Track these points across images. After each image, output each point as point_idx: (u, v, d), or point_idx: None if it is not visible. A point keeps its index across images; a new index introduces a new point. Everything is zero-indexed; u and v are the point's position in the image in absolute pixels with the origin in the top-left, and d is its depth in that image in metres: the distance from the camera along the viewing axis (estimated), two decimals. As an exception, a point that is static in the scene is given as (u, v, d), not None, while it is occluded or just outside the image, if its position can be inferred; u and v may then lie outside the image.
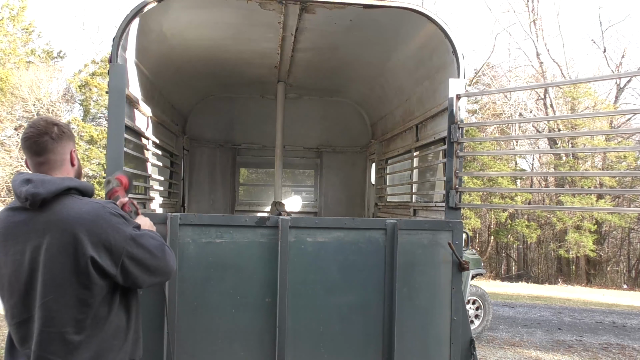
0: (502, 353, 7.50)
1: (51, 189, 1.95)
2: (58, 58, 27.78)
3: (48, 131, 2.04)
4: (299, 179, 8.03)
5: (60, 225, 1.93)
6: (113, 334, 2.05)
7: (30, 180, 1.96)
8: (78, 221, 1.95)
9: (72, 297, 1.93)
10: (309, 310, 3.33)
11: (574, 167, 21.42)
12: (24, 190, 1.93)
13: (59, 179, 2.01)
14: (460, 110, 3.76)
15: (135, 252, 2.04)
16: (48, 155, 2.05)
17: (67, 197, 2.01)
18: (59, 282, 1.92)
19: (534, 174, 25.56)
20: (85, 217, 1.96)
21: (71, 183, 2.03)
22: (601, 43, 25.78)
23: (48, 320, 1.92)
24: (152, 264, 2.09)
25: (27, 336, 1.96)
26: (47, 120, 2.09)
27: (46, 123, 2.07)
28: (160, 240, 2.19)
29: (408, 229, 3.44)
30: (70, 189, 2.02)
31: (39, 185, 1.94)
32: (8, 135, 24.05)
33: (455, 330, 3.48)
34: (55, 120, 2.11)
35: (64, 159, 2.11)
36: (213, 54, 5.34)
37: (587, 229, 20.69)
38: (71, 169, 2.16)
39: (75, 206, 1.98)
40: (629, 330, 9.75)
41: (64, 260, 1.92)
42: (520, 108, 23.32)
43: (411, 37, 4.43)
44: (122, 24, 3.48)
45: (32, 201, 1.93)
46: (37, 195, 1.92)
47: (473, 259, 7.67)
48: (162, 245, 2.16)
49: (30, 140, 2.04)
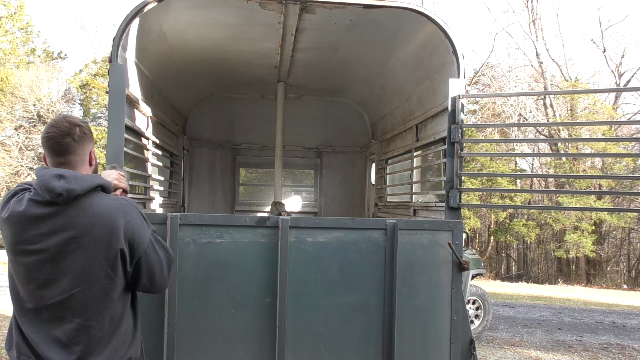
0: (502, 353, 7.50)
1: (84, 185, 2.01)
2: (58, 58, 27.80)
3: (71, 133, 2.06)
4: (299, 179, 8.03)
5: (93, 218, 2.00)
6: (125, 332, 2.13)
7: (63, 176, 1.99)
8: (113, 214, 2.03)
9: (99, 290, 2.01)
10: (309, 310, 3.33)
11: (573, 166, 21.41)
12: (58, 186, 1.96)
13: (89, 177, 2.07)
14: (460, 110, 3.76)
15: (151, 256, 2.14)
16: (69, 157, 2.08)
17: (95, 193, 2.07)
18: (89, 274, 1.99)
19: (533, 175, 25.55)
20: (119, 210, 2.05)
21: (100, 181, 2.09)
22: (601, 43, 25.78)
23: (77, 312, 1.99)
24: (158, 276, 2.19)
25: (50, 319, 2.00)
26: (70, 121, 2.09)
27: (69, 124, 2.07)
28: (170, 253, 2.27)
29: (408, 229, 3.44)
30: (99, 186, 2.09)
31: (72, 181, 1.98)
32: (8, 135, 24.05)
33: (455, 330, 3.48)
34: (78, 121, 2.12)
35: (84, 159, 2.14)
36: (213, 54, 5.34)
37: (585, 230, 20.69)
38: (89, 168, 2.19)
39: (104, 202, 2.05)
40: (629, 330, 9.75)
41: (95, 253, 1.99)
42: (520, 108, 23.32)
43: (411, 37, 4.43)
44: (122, 24, 3.48)
45: (67, 196, 1.96)
46: (73, 191, 1.97)
47: (473, 259, 7.66)
48: (170, 260, 2.25)
49: (52, 141, 2.06)
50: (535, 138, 23.58)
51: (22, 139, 23.88)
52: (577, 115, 22.79)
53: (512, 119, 22.93)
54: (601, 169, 22.04)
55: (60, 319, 1.99)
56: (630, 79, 24.32)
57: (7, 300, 10.01)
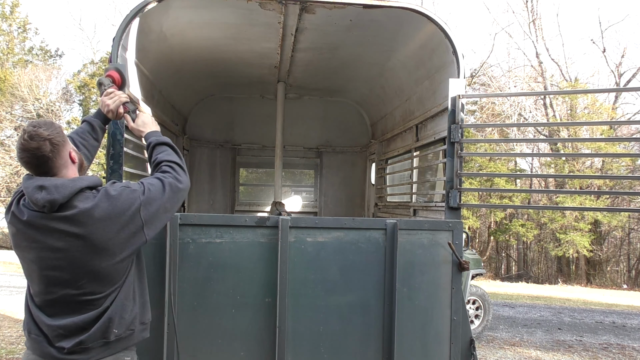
0: (502, 353, 7.50)
1: (65, 193, 2.02)
2: (56, 57, 27.79)
3: (42, 150, 2.03)
4: (299, 179, 8.03)
5: (85, 228, 2.03)
6: (126, 295, 2.20)
7: (44, 186, 2.01)
8: (103, 220, 2.06)
9: (105, 277, 2.12)
10: (309, 310, 3.32)
11: (571, 165, 21.39)
12: (40, 198, 1.99)
13: (70, 182, 2.06)
14: (460, 110, 3.76)
15: (149, 210, 2.18)
16: (49, 168, 2.09)
17: (81, 194, 2.07)
18: (87, 270, 2.07)
19: (532, 175, 25.56)
20: (107, 213, 2.07)
21: (82, 183, 2.09)
22: (601, 43, 25.80)
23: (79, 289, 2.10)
24: (169, 202, 2.27)
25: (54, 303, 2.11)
26: (38, 139, 2.02)
27: (37, 143, 2.02)
28: (165, 174, 2.34)
29: (408, 229, 3.44)
30: (83, 189, 2.09)
31: (53, 191, 2.00)
32: (8, 135, 24.04)
33: (455, 330, 3.47)
34: (44, 134, 2.03)
35: (64, 163, 2.14)
36: (213, 54, 5.34)
37: (581, 229, 20.68)
38: (73, 166, 2.19)
39: (90, 205, 2.06)
40: (629, 330, 9.75)
41: (93, 254, 2.06)
42: (520, 108, 23.32)
43: (411, 37, 4.43)
44: (122, 24, 3.48)
45: (50, 207, 2.00)
46: (54, 202, 2.00)
47: (473, 259, 7.66)
48: (167, 180, 2.29)
49: (29, 165, 2.08)
50: (534, 138, 23.57)
51: (21, 139, 23.83)
52: (577, 115, 22.79)
53: (511, 119, 22.92)
54: (600, 169, 22.03)
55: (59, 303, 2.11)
56: (631, 79, 24.31)
57: (7, 300, 10.01)
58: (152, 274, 3.21)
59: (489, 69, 25.90)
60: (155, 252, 3.20)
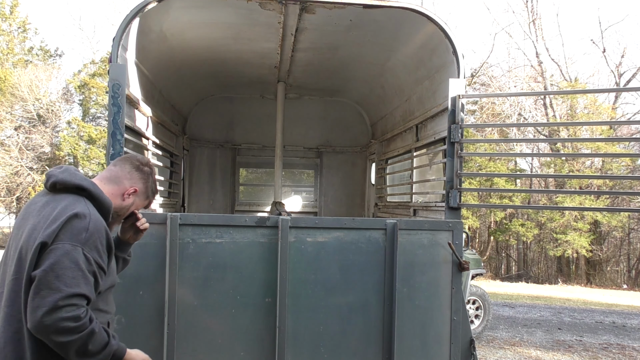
0: (502, 353, 7.50)
1: (66, 178, 2.00)
2: (56, 56, 27.79)
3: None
4: (299, 179, 8.03)
5: (45, 213, 1.91)
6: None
7: (67, 169, 2.05)
8: (49, 218, 1.87)
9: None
10: (309, 310, 3.33)
11: (570, 165, 21.39)
12: (50, 171, 2.05)
13: (80, 177, 2.03)
14: (460, 110, 3.76)
15: (46, 266, 1.79)
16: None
17: (75, 195, 1.98)
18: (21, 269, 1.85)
19: (532, 175, 25.56)
20: (59, 216, 1.87)
21: (85, 184, 2.00)
22: (601, 43, 25.76)
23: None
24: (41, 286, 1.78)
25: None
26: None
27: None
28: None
29: (408, 229, 3.44)
30: (84, 190, 1.99)
31: (64, 172, 2.03)
32: (8, 135, 24.04)
33: (455, 330, 3.48)
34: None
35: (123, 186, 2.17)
36: (213, 54, 5.34)
37: (580, 229, 20.68)
38: (119, 192, 2.15)
39: (62, 205, 1.92)
40: (629, 330, 9.75)
41: (27, 241, 1.88)
42: (520, 108, 23.31)
43: (411, 37, 4.43)
44: (123, 24, 3.48)
45: (46, 181, 2.03)
46: (52, 176, 2.01)
47: (473, 259, 7.66)
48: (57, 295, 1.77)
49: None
50: (534, 138, 23.56)
51: (22, 139, 23.87)
52: (577, 115, 22.79)
53: (511, 119, 22.92)
54: (600, 169, 22.03)
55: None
56: (631, 79, 24.29)
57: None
58: (152, 274, 3.21)
59: (489, 69, 25.90)
60: (155, 252, 3.20)
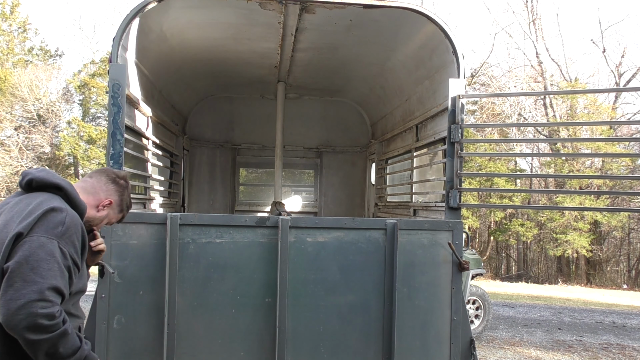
0: (502, 353, 7.50)
1: (44, 176, 2.01)
2: (56, 56, 27.80)
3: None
4: (299, 179, 8.03)
5: (20, 208, 1.90)
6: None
7: (44, 169, 2.08)
8: (26, 211, 1.87)
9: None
10: (309, 310, 3.33)
11: (570, 165, 21.39)
12: (26, 170, 2.07)
13: (58, 177, 2.06)
14: (460, 110, 3.76)
15: (17, 260, 1.76)
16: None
17: (51, 193, 1.98)
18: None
19: (532, 175, 25.58)
20: (35, 210, 1.87)
21: (63, 183, 2.01)
22: (601, 43, 25.77)
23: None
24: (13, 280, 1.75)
25: None
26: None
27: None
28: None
29: (408, 229, 3.45)
30: (61, 189, 1.99)
31: (42, 171, 2.05)
32: (8, 135, 24.05)
33: (455, 330, 3.48)
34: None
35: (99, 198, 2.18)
36: (213, 54, 5.34)
37: (580, 229, 20.68)
38: (94, 202, 2.15)
39: (37, 200, 1.91)
40: (629, 330, 9.75)
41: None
42: (520, 108, 23.31)
43: (411, 37, 4.43)
44: (123, 24, 3.48)
45: (21, 179, 2.04)
46: (28, 174, 2.02)
47: (473, 259, 7.66)
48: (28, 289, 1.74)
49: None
50: (534, 138, 23.56)
51: (21, 139, 23.88)
52: (577, 115, 22.79)
53: (511, 119, 22.92)
54: (600, 169, 22.03)
55: None
56: (631, 79, 24.29)
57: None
58: (152, 274, 3.21)
59: (489, 69, 25.89)
60: (155, 252, 3.20)
